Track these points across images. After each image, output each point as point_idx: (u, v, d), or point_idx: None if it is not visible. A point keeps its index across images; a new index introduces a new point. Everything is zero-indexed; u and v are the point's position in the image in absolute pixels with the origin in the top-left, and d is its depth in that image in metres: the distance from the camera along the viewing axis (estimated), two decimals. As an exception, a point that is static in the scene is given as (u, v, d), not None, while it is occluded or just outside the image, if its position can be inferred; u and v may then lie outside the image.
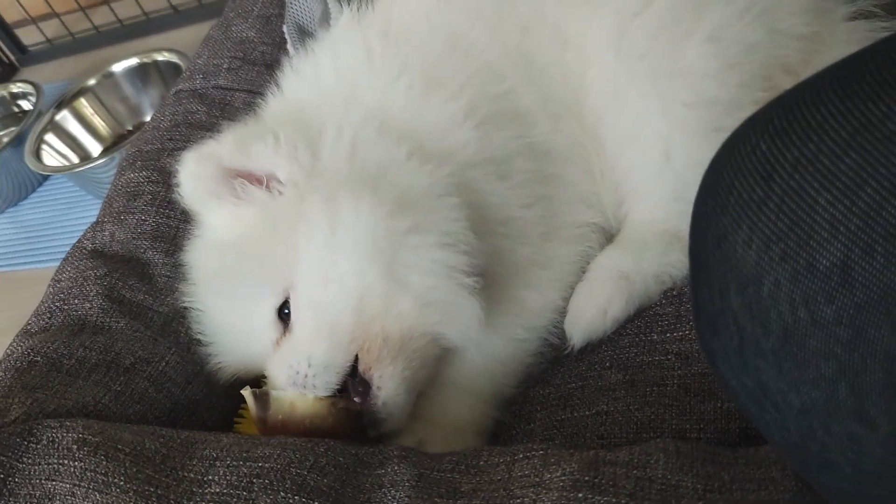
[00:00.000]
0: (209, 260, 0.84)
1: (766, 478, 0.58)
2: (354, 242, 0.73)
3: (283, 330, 0.77)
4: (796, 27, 0.85)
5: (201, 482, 0.64)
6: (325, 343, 0.73)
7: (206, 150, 0.81)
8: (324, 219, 0.74)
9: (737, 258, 0.46)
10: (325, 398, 0.73)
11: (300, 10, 1.20)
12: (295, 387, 0.73)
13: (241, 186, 0.79)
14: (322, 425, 0.72)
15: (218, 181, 0.79)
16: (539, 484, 0.60)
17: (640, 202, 0.88)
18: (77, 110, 2.02)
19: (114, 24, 2.46)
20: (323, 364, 0.73)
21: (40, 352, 0.84)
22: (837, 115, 0.43)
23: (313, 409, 0.73)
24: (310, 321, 0.75)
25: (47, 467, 0.67)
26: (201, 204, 0.83)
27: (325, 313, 0.74)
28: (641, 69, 0.84)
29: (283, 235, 0.76)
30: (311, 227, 0.74)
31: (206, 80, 1.28)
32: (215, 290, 0.82)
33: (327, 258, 0.74)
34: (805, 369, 0.44)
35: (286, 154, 0.78)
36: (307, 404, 0.73)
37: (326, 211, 0.74)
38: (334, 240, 0.73)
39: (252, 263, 0.78)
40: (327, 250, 0.74)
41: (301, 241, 0.74)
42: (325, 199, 0.75)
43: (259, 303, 0.77)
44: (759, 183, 0.45)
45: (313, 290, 0.75)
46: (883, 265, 0.41)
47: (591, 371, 0.81)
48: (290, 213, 0.76)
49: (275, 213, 0.77)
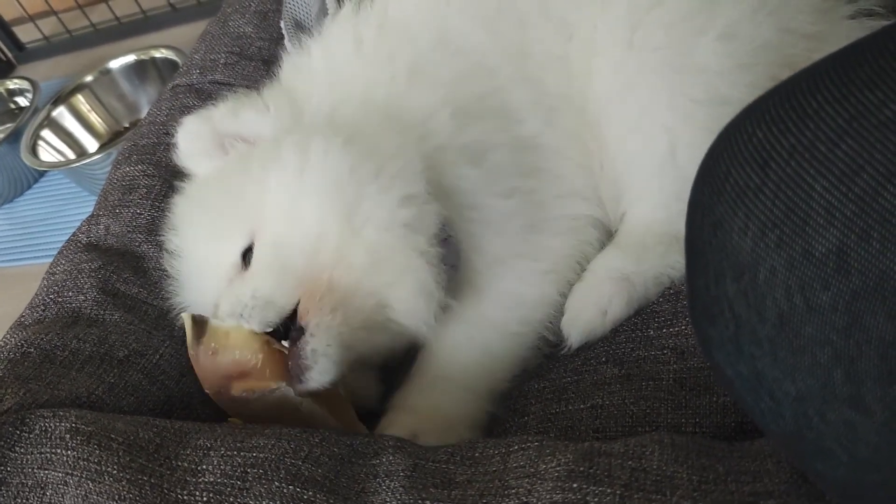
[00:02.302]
0: (189, 201, 0.87)
1: (762, 470, 0.58)
2: (319, 183, 0.75)
3: (241, 272, 0.78)
4: (804, 26, 0.85)
5: (195, 471, 0.64)
6: (273, 279, 0.74)
7: (202, 113, 0.89)
8: (294, 159, 0.77)
9: (732, 245, 0.46)
10: (260, 335, 0.73)
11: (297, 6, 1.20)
12: (233, 317, 0.73)
13: (231, 144, 0.86)
14: (250, 361, 0.72)
15: (210, 141, 0.87)
16: (534, 474, 0.60)
17: (641, 201, 0.88)
18: (74, 107, 2.01)
19: (111, 22, 2.45)
20: (265, 299, 0.73)
21: (34, 343, 0.83)
22: (834, 102, 0.43)
23: (245, 343, 0.72)
24: (266, 258, 0.76)
25: (40, 456, 0.66)
26: (194, 162, 0.90)
27: (281, 251, 0.76)
28: (653, 62, 0.84)
29: (255, 176, 0.79)
30: (281, 167, 0.77)
31: (203, 75, 1.28)
32: (189, 227, 0.85)
33: (293, 196, 0.76)
34: (800, 356, 0.44)
35: (273, 118, 0.85)
36: (241, 336, 0.73)
37: (298, 153, 0.77)
38: (301, 180, 0.76)
39: (224, 200, 0.82)
40: (294, 189, 0.76)
41: (271, 180, 0.77)
42: (297, 142, 0.78)
43: (226, 243, 0.79)
44: (756, 170, 0.45)
45: (275, 228, 0.77)
46: (879, 251, 0.41)
47: (586, 365, 0.81)
48: (265, 156, 0.80)
49: (251, 156, 0.82)
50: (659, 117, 0.84)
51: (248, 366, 0.72)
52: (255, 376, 0.72)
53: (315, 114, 0.86)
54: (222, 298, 0.76)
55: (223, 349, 0.73)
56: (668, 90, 0.83)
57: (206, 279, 0.81)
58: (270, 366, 0.72)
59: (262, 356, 0.72)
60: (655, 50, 0.84)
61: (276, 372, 0.72)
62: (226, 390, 0.74)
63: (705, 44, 0.82)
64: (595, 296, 0.84)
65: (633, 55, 0.85)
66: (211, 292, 0.79)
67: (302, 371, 0.71)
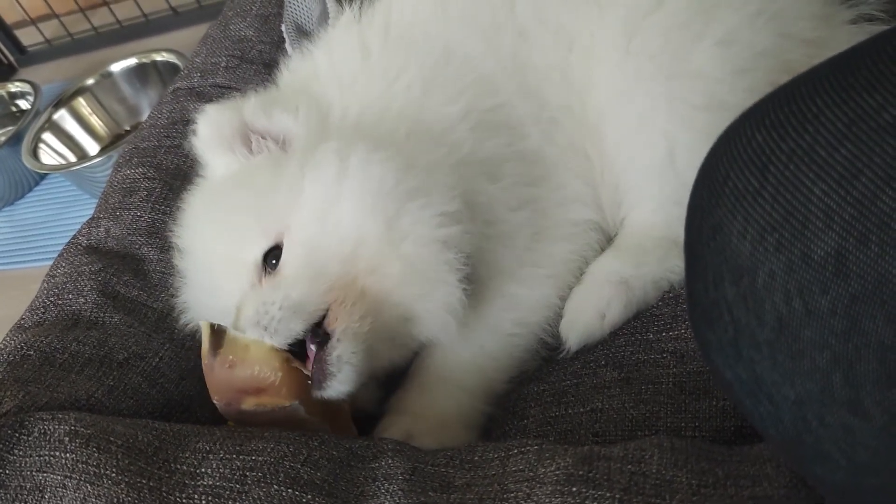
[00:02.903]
0: (205, 197, 0.85)
1: (761, 474, 0.58)
2: (360, 191, 0.74)
3: (263, 276, 0.76)
4: (804, 31, 0.85)
5: (194, 474, 0.64)
6: (305, 285, 0.73)
7: (230, 104, 0.85)
8: (334, 165, 0.75)
9: (731, 249, 0.46)
10: (281, 351, 0.71)
11: (299, 10, 1.21)
12: (258, 327, 0.71)
13: (257, 141, 0.83)
14: (268, 378, 0.70)
15: (235, 133, 0.83)
16: (533, 478, 0.60)
17: (640, 205, 0.88)
18: (75, 110, 2.02)
19: (113, 26, 2.46)
20: (295, 306, 0.71)
21: (33, 346, 0.83)
22: (833, 106, 0.43)
23: (266, 359, 0.71)
24: (298, 261, 0.75)
25: (38, 459, 0.66)
26: (213, 153, 0.85)
27: (315, 255, 0.75)
28: (651, 68, 0.84)
29: (288, 181, 0.77)
30: (319, 171, 0.76)
31: (204, 78, 1.28)
32: (205, 224, 0.83)
33: (331, 200, 0.75)
34: (799, 360, 0.44)
35: (302, 120, 0.82)
36: (262, 352, 0.71)
37: (337, 159, 0.76)
38: (340, 185, 0.75)
39: (248, 199, 0.79)
40: (332, 193, 0.75)
41: (307, 184, 0.76)
42: (337, 149, 0.77)
43: (247, 245, 0.77)
44: (755, 174, 0.45)
45: (310, 230, 0.75)
46: (877, 255, 0.40)
47: (586, 369, 0.81)
48: (299, 161, 0.78)
49: (284, 161, 0.80)
50: (658, 123, 0.84)
51: (265, 382, 0.71)
52: (270, 393, 0.71)
53: (341, 120, 0.84)
54: (245, 304, 0.74)
55: (241, 363, 0.71)
56: (666, 96, 0.83)
57: (222, 279, 0.79)
58: (288, 384, 0.71)
59: (281, 374, 0.71)
60: (653, 56, 0.84)
61: (293, 390, 0.71)
62: (236, 403, 0.72)
63: (704, 49, 0.82)
64: (593, 299, 0.84)
65: (630, 61, 0.85)
66: (226, 292, 0.78)
67: (325, 377, 0.71)
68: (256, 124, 0.83)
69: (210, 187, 0.86)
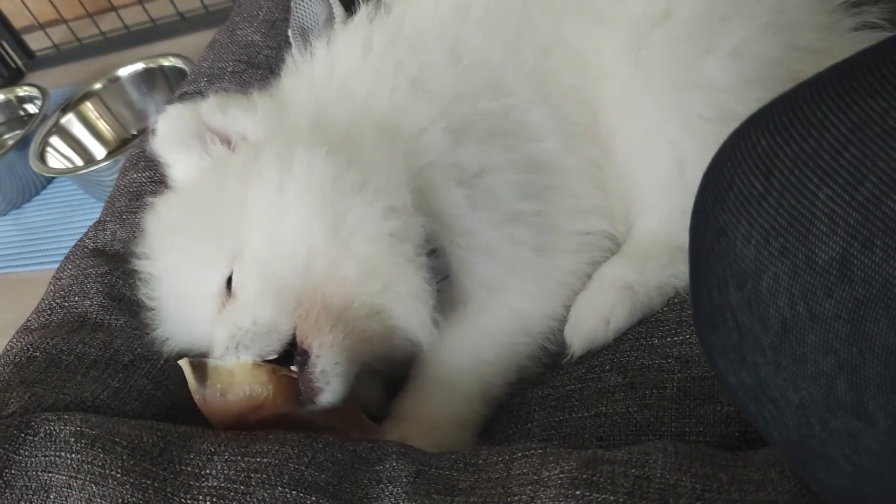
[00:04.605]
0: (163, 223, 0.84)
1: (765, 479, 0.58)
2: (302, 196, 0.73)
3: (227, 300, 0.76)
4: (812, 42, 0.85)
5: (199, 476, 0.64)
6: (271, 306, 0.72)
7: (188, 104, 0.86)
8: (275, 173, 0.74)
9: (736, 253, 0.46)
10: (265, 364, 0.71)
11: (305, 14, 1.21)
12: (235, 349, 0.71)
13: (211, 140, 0.82)
14: (261, 394, 0.71)
15: (192, 130, 0.83)
16: (537, 482, 0.60)
17: (647, 213, 0.88)
18: (82, 114, 2.03)
19: (121, 31, 2.48)
20: (267, 327, 0.71)
21: (39, 347, 0.84)
22: (837, 111, 0.43)
23: (253, 376, 0.71)
24: (255, 282, 0.74)
25: (44, 459, 0.67)
26: (171, 153, 0.86)
27: (272, 275, 0.73)
28: (659, 80, 0.84)
29: (232, 192, 0.76)
30: (260, 182, 0.75)
31: (211, 83, 1.28)
32: (166, 252, 0.81)
33: (274, 214, 0.74)
34: (803, 365, 0.44)
35: (259, 119, 0.82)
36: (246, 372, 0.71)
37: (278, 165, 0.75)
38: (283, 195, 0.74)
39: (201, 221, 0.79)
40: (275, 206, 0.74)
41: (250, 197, 0.75)
42: (278, 154, 0.76)
43: (208, 270, 0.76)
44: (759, 178, 0.46)
45: (259, 250, 0.74)
46: (882, 259, 0.41)
47: (590, 373, 0.81)
48: (243, 169, 0.77)
49: (228, 168, 0.79)
50: (667, 133, 0.84)
51: (260, 399, 0.71)
52: (268, 406, 0.71)
53: (299, 118, 0.83)
54: (217, 333, 0.73)
55: (231, 388, 0.71)
56: (675, 107, 0.83)
57: (191, 309, 0.78)
58: (282, 393, 0.71)
59: (271, 387, 0.71)
60: (661, 67, 0.84)
61: (289, 396, 0.72)
62: (240, 426, 0.72)
63: (713, 61, 0.82)
64: (598, 304, 0.84)
65: (639, 73, 0.85)
66: (198, 324, 0.77)
67: (315, 393, 0.71)
68: (212, 121, 0.83)
69: (164, 212, 0.84)
